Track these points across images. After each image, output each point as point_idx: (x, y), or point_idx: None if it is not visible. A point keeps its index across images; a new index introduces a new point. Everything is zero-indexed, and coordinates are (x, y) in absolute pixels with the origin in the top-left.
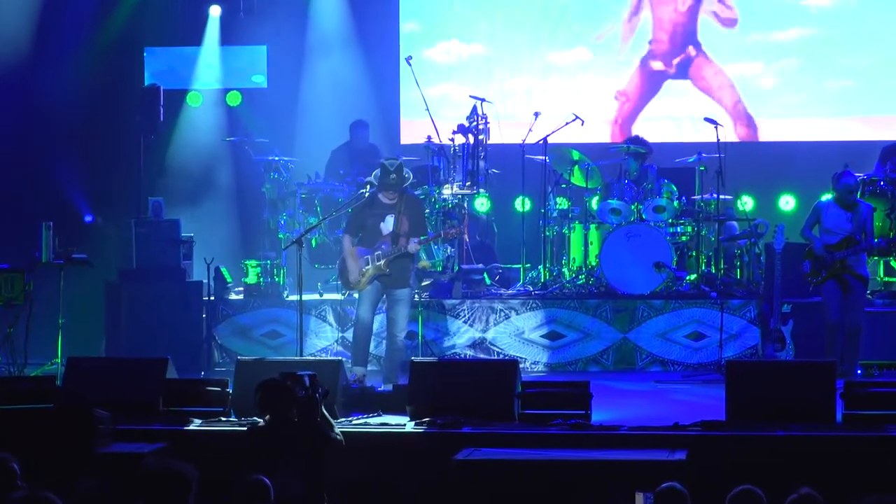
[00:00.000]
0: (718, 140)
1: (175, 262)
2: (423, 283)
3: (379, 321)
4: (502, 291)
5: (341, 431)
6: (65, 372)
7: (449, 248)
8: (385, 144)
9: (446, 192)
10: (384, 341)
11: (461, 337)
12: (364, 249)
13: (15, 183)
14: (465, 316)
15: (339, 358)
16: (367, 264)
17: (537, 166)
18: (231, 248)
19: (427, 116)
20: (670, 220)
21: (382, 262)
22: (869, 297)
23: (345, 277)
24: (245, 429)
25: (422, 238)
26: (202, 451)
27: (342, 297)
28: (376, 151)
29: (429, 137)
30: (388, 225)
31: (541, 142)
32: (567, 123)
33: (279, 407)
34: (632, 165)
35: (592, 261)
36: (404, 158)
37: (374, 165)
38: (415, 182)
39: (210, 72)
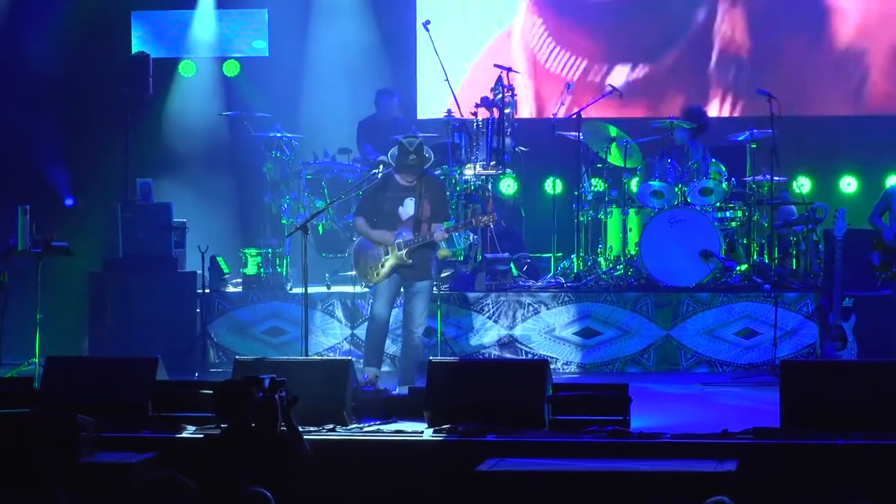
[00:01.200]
0: (772, 114)
1: (166, 250)
2: (443, 275)
3: (393, 317)
4: (531, 283)
5: (348, 441)
6: (43, 373)
7: (471, 234)
8: None
9: (468, 172)
10: (399, 339)
11: (485, 334)
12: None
13: None
14: (489, 311)
15: (349, 358)
16: (387, 254)
17: (570, 144)
18: (228, 235)
19: (447, 88)
20: (718, 204)
21: (404, 251)
22: None
23: (362, 268)
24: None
25: (448, 225)
26: (196, 461)
27: (356, 291)
28: (400, 124)
29: (449, 111)
30: (406, 209)
31: (574, 116)
32: (603, 96)
33: (234, 411)
34: (681, 139)
35: (631, 249)
36: (422, 135)
37: (393, 142)
38: (434, 161)
39: (205, 38)
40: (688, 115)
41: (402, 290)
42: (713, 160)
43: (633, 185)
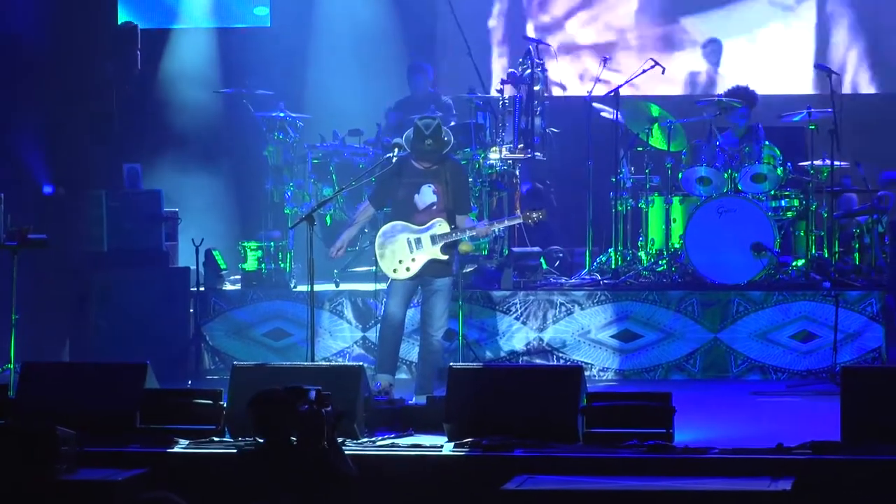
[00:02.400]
0: (833, 91)
1: (156, 243)
2: (465, 270)
3: (410, 318)
4: (563, 280)
5: (359, 457)
6: (19, 380)
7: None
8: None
9: (493, 156)
10: (416, 343)
11: (512, 337)
12: (403, 226)
13: None
14: (516, 311)
15: (360, 363)
16: (419, 246)
17: (607, 124)
18: (225, 227)
19: (469, 62)
20: (773, 192)
21: (440, 245)
22: None
23: (389, 261)
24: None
25: (496, 220)
26: (190, 479)
27: (375, 288)
28: (437, 101)
29: (472, 88)
30: (423, 197)
31: (611, 94)
32: (644, 71)
33: (277, 427)
34: (735, 121)
35: (675, 242)
36: (441, 115)
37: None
38: (455, 144)
39: (200, 6)
40: (735, 94)
41: (419, 287)
42: (767, 143)
43: (678, 170)
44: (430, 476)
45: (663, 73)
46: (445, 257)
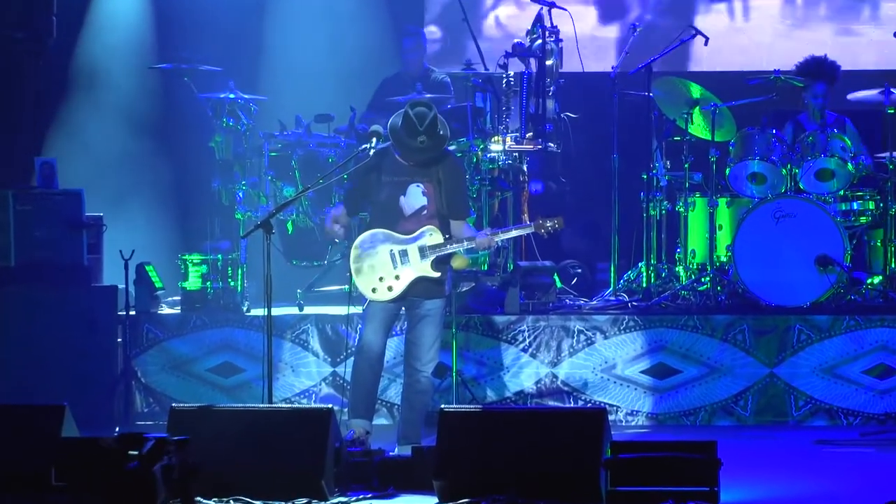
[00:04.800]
0: None
1: (75, 256)
2: (461, 290)
3: (392, 348)
4: (582, 302)
5: None
6: None
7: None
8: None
9: (495, 147)
10: (399, 379)
11: (519, 373)
12: (384, 235)
13: None
14: (524, 340)
15: (330, 406)
16: (405, 261)
17: (637, 108)
18: (162, 236)
19: (467, 32)
20: (842, 192)
21: (430, 259)
22: None
23: (366, 278)
24: None
25: (501, 230)
26: None
27: (350, 312)
28: (428, 79)
29: (468, 63)
30: (410, 199)
31: (643, 70)
32: (682, 41)
33: (101, 487)
34: (810, 103)
35: (722, 254)
36: (429, 97)
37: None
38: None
39: None
40: (805, 69)
41: (403, 311)
42: (834, 131)
43: (725, 165)
44: None
45: (706, 43)
46: (437, 274)
